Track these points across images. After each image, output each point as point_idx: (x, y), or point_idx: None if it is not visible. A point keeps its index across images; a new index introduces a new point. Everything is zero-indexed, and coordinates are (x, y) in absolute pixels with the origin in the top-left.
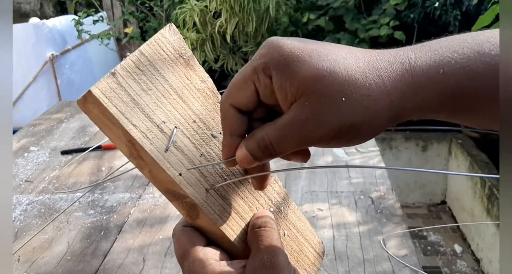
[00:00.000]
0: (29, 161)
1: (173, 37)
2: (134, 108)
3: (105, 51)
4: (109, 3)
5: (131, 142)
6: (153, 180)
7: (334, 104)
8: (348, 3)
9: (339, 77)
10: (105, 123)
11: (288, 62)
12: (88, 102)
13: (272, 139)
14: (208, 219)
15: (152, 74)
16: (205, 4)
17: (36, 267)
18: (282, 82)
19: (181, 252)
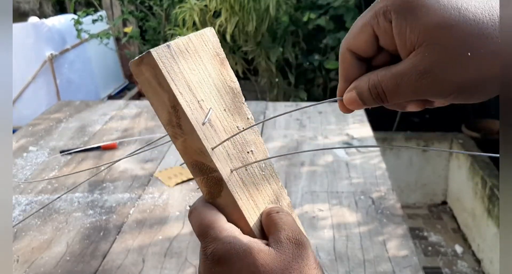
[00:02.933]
0: (28, 161)
1: (213, 38)
2: (181, 79)
3: (104, 51)
4: (108, 3)
5: (174, 108)
6: (184, 150)
7: (458, 59)
8: (349, 3)
9: (468, 29)
10: (153, 87)
11: (412, 6)
12: (143, 64)
13: (385, 86)
14: (230, 198)
15: (196, 59)
16: (205, 3)
17: (35, 267)
18: (402, 27)
19: (206, 222)
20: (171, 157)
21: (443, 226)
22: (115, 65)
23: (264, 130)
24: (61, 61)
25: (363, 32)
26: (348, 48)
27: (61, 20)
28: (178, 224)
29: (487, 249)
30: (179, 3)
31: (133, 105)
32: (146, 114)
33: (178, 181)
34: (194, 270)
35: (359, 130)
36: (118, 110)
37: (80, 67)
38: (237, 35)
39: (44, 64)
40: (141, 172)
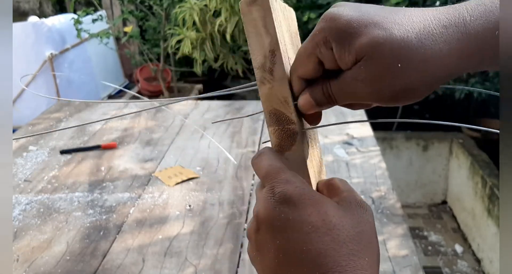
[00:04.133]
0: (28, 160)
1: (296, 20)
2: (281, 31)
3: (104, 50)
4: (108, 2)
5: (272, 53)
6: (267, 97)
7: (389, 70)
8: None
9: (395, 44)
10: (257, 28)
11: (345, 34)
12: (255, 4)
13: (332, 89)
14: (299, 153)
15: (289, 25)
16: (205, 3)
17: (35, 267)
18: (342, 53)
19: (277, 165)
20: (171, 156)
21: (443, 225)
22: (115, 64)
23: (264, 129)
24: (61, 60)
25: (309, 62)
26: (298, 76)
27: (61, 20)
28: (178, 224)
29: (487, 249)
30: (179, 2)
31: (133, 105)
32: (146, 114)
33: (178, 181)
34: (194, 269)
35: (359, 130)
36: (118, 110)
37: (80, 67)
38: (237, 35)
39: (44, 64)
40: (141, 171)
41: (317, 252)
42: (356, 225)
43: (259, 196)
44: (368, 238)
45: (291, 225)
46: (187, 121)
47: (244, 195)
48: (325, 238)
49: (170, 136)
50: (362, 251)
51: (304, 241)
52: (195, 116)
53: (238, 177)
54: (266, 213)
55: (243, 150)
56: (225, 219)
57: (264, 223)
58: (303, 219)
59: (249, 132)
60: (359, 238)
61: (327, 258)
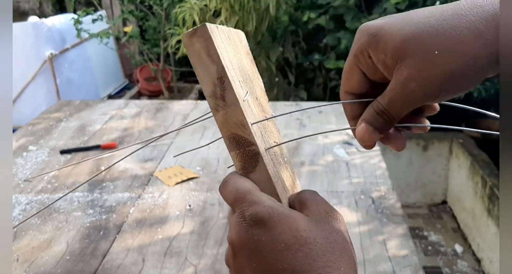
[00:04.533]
0: (28, 160)
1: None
2: (227, 57)
3: (104, 50)
4: (108, 2)
5: (220, 80)
6: (223, 123)
7: (428, 60)
8: (349, 2)
9: (425, 34)
10: (202, 58)
11: (378, 37)
12: (196, 35)
13: (383, 103)
14: (264, 173)
15: (237, 47)
16: (204, 3)
17: (35, 267)
18: (379, 56)
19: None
20: (171, 156)
21: (443, 225)
22: (115, 64)
23: None
24: (61, 60)
25: (353, 75)
26: (346, 92)
27: (61, 20)
28: (178, 224)
29: (487, 249)
30: (179, 2)
31: (133, 104)
32: (146, 114)
33: (178, 181)
34: (194, 269)
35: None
36: (118, 109)
37: (80, 67)
38: None
39: (44, 64)
40: (141, 171)
41: (292, 269)
42: (328, 236)
43: (231, 222)
44: (341, 247)
45: (264, 245)
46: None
47: None
48: (298, 254)
49: (170, 136)
50: (336, 261)
51: (278, 260)
52: (195, 117)
53: None
54: (239, 237)
55: None
56: (225, 219)
57: (238, 248)
58: (275, 239)
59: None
60: (331, 248)
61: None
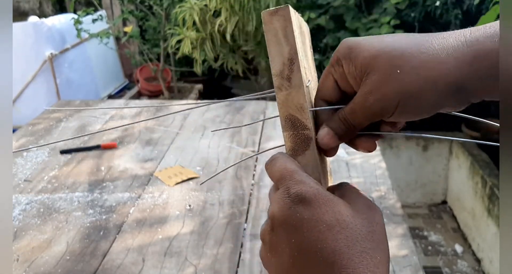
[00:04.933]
0: (28, 160)
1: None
2: (299, 41)
3: (104, 50)
4: (108, 2)
5: (291, 61)
6: (284, 103)
7: (390, 77)
8: (349, 2)
9: (393, 53)
10: (278, 37)
11: (352, 50)
12: (277, 14)
13: (346, 112)
14: (312, 157)
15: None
16: (205, 3)
17: (35, 267)
18: (350, 67)
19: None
20: (171, 156)
21: (443, 225)
22: (115, 64)
23: (264, 130)
24: (61, 60)
25: (327, 82)
26: (319, 98)
27: (61, 20)
28: (178, 224)
29: (487, 249)
30: (179, 2)
31: (133, 104)
32: (146, 114)
33: (178, 180)
34: (194, 269)
35: None
36: (118, 109)
37: (80, 67)
38: (237, 35)
39: (44, 64)
40: (141, 171)
41: (332, 249)
42: (368, 224)
43: (274, 197)
44: (379, 237)
45: (306, 224)
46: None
47: (244, 195)
48: (339, 236)
49: (170, 136)
50: (374, 249)
51: (319, 239)
52: (195, 116)
53: (238, 176)
54: (282, 213)
55: (243, 150)
56: (225, 219)
57: (279, 223)
58: (318, 218)
59: (249, 132)
60: (371, 237)
61: (342, 255)
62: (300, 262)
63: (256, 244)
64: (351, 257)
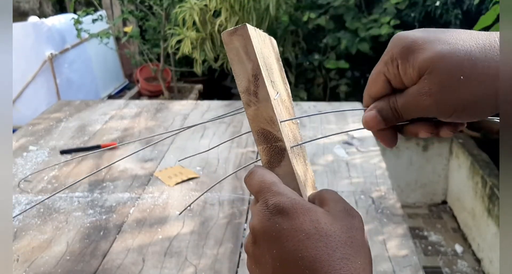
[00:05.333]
0: (28, 160)
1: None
2: (261, 57)
3: (104, 50)
4: (108, 2)
5: (255, 77)
6: (254, 118)
7: (452, 81)
8: (349, 2)
9: (458, 57)
10: (239, 56)
11: (410, 50)
12: (236, 34)
13: (398, 102)
14: (288, 168)
15: (270, 51)
16: (205, 3)
17: (35, 267)
18: (407, 68)
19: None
20: (171, 156)
21: (443, 225)
22: (115, 64)
23: None
24: (61, 60)
25: (378, 81)
26: (369, 95)
27: (61, 20)
28: (178, 224)
29: (487, 249)
30: (179, 2)
31: (133, 104)
32: (146, 114)
33: (178, 181)
34: (194, 269)
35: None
36: (118, 110)
37: (80, 67)
38: None
39: (44, 64)
40: (141, 171)
41: (313, 258)
42: (347, 231)
43: (253, 210)
44: (359, 243)
45: (286, 234)
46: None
47: (244, 195)
48: (318, 244)
49: (170, 137)
50: (354, 255)
51: (299, 249)
52: (195, 116)
53: (238, 177)
54: (261, 224)
55: (243, 150)
56: (225, 219)
57: (260, 235)
58: (297, 228)
59: (249, 132)
60: (350, 243)
61: (322, 262)
62: (283, 271)
63: None
64: (332, 264)
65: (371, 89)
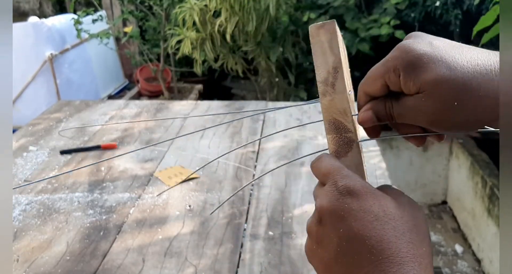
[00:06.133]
0: (28, 160)
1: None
2: (342, 52)
3: (104, 51)
4: (108, 2)
5: (335, 70)
6: (327, 108)
7: (447, 106)
8: (349, 2)
9: (455, 84)
10: (323, 48)
11: (414, 66)
12: (323, 28)
13: (394, 110)
14: (355, 159)
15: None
16: (205, 3)
17: (35, 267)
18: (408, 81)
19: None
20: (171, 156)
21: (443, 225)
22: (115, 65)
23: (264, 130)
24: (61, 61)
25: (377, 82)
26: (365, 92)
27: (61, 20)
28: (178, 224)
29: (487, 249)
30: (179, 2)
31: (133, 105)
32: (146, 114)
33: (178, 181)
34: (194, 269)
35: (359, 129)
36: (118, 110)
37: (80, 67)
38: (237, 35)
39: (44, 64)
40: (141, 171)
41: (380, 238)
42: (413, 219)
43: (321, 192)
44: (424, 231)
45: (354, 214)
46: (187, 122)
47: (244, 195)
48: (386, 226)
49: (170, 136)
50: (419, 241)
51: (367, 229)
52: (195, 117)
53: (238, 177)
54: (330, 204)
55: (243, 150)
56: (225, 219)
57: (328, 214)
58: (366, 209)
59: (249, 133)
60: (416, 230)
61: (390, 244)
62: (348, 250)
63: (255, 244)
64: (399, 246)
65: (369, 88)
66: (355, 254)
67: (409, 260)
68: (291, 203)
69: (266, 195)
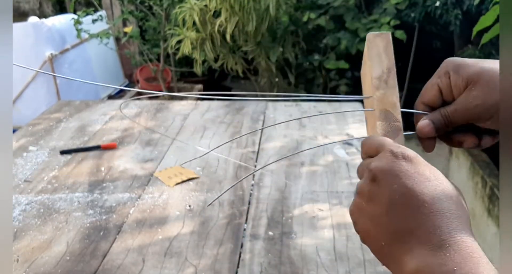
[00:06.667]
0: (28, 160)
1: None
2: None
3: (104, 51)
4: (108, 2)
5: (389, 70)
6: (380, 99)
7: (490, 90)
8: (349, 2)
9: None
10: (379, 52)
11: (461, 66)
12: (380, 37)
13: (449, 110)
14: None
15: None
16: (205, 3)
17: (35, 267)
18: (457, 79)
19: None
20: (171, 156)
21: None
22: (115, 65)
23: (264, 130)
24: (61, 61)
25: (432, 89)
26: (422, 102)
27: (61, 20)
28: (178, 224)
29: (487, 249)
30: (179, 3)
31: (133, 105)
32: (146, 114)
33: (178, 181)
34: (194, 269)
35: (359, 130)
36: (118, 110)
37: (80, 67)
38: (237, 35)
39: (44, 64)
40: (141, 171)
41: (431, 196)
42: (457, 194)
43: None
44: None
45: (409, 174)
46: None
47: (244, 195)
48: (438, 188)
49: (170, 136)
50: (463, 209)
51: (420, 187)
52: (195, 117)
53: (238, 177)
54: (386, 164)
55: (243, 150)
56: (225, 219)
57: (382, 173)
58: (419, 172)
59: (248, 133)
60: (461, 201)
61: (440, 201)
62: (401, 204)
63: (255, 244)
64: (448, 206)
65: (425, 97)
66: (408, 207)
67: (458, 217)
68: (291, 203)
69: (266, 195)
